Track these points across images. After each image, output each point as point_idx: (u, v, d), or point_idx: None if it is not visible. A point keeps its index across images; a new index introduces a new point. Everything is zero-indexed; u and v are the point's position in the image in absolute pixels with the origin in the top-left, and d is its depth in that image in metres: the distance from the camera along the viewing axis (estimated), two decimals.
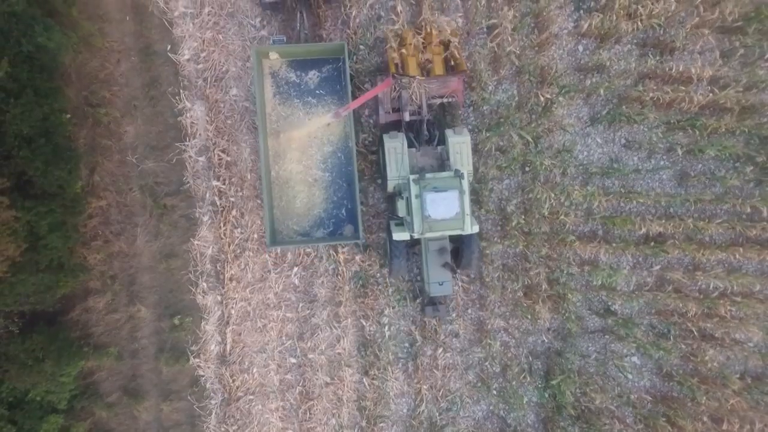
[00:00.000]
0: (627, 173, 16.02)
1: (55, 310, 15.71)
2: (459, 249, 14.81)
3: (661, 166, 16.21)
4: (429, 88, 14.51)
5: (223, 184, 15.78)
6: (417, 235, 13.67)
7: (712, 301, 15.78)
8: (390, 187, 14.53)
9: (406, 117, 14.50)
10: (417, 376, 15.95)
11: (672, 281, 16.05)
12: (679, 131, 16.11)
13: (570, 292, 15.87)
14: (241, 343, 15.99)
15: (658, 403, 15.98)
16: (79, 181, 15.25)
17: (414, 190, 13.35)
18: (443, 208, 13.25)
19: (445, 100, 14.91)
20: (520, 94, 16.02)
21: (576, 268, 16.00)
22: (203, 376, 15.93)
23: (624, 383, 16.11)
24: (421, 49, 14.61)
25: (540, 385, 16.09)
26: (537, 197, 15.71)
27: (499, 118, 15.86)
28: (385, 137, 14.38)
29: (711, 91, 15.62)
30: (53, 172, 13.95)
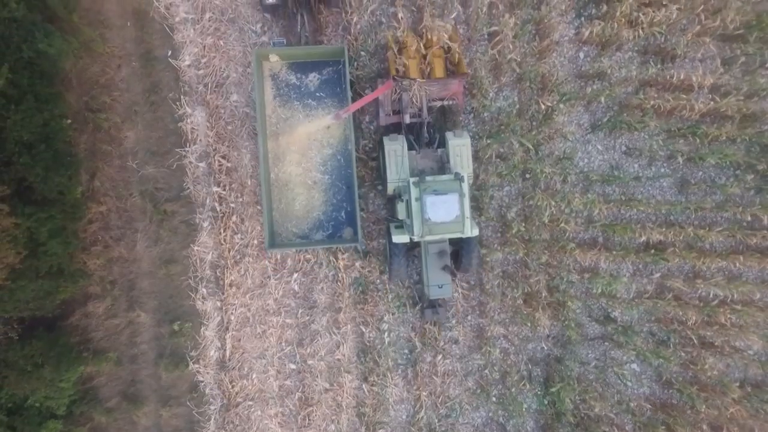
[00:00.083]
0: (627, 181, 16.01)
1: (54, 316, 15.69)
2: (459, 252, 14.81)
3: (661, 174, 16.20)
4: (429, 91, 14.49)
5: (224, 190, 15.79)
6: (417, 238, 13.64)
7: (712, 308, 15.75)
8: (390, 190, 14.52)
9: (407, 119, 14.49)
10: (416, 383, 15.95)
11: (672, 289, 16.04)
12: (680, 139, 16.10)
13: (570, 299, 15.88)
14: (241, 348, 15.99)
15: (657, 411, 15.96)
16: (80, 187, 15.25)
17: (414, 193, 13.30)
18: (443, 211, 13.20)
19: (445, 102, 14.91)
20: (521, 101, 16.01)
21: (576, 275, 16.00)
22: (202, 382, 15.95)
23: (623, 391, 16.10)
24: (423, 52, 14.60)
25: (539, 392, 16.08)
26: (537, 204, 15.71)
27: (500, 125, 15.85)
28: (385, 139, 14.37)
29: (712, 99, 15.64)
30: (53, 178, 13.95)
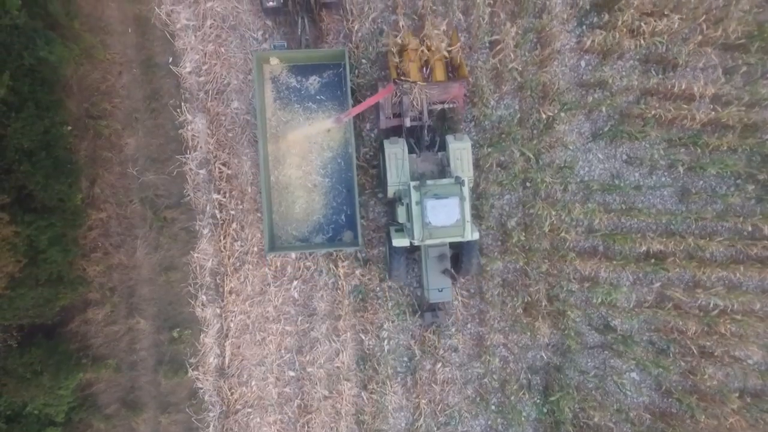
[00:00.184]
0: (628, 190, 16.00)
1: (54, 323, 15.69)
2: (459, 255, 14.76)
3: (662, 183, 16.20)
4: (430, 94, 14.43)
5: (224, 197, 15.78)
6: (417, 242, 13.60)
7: (712, 318, 15.75)
8: (390, 193, 14.50)
9: (407, 122, 14.46)
10: (416, 391, 15.94)
11: (672, 298, 16.01)
12: (681, 148, 16.11)
13: (570, 308, 15.85)
14: (240, 356, 15.98)
15: (656, 420, 15.94)
16: (80, 194, 15.23)
17: (414, 196, 13.27)
18: (443, 215, 13.17)
19: (446, 105, 14.89)
20: (522, 110, 16.00)
21: (576, 284, 15.99)
22: (202, 389, 15.94)
23: (623, 400, 16.09)
24: (425, 57, 14.58)
25: (539, 401, 16.08)
26: (538, 213, 15.70)
27: (501, 133, 15.84)
28: (385, 143, 14.36)
29: (713, 109, 15.65)
30: (54, 185, 13.93)
